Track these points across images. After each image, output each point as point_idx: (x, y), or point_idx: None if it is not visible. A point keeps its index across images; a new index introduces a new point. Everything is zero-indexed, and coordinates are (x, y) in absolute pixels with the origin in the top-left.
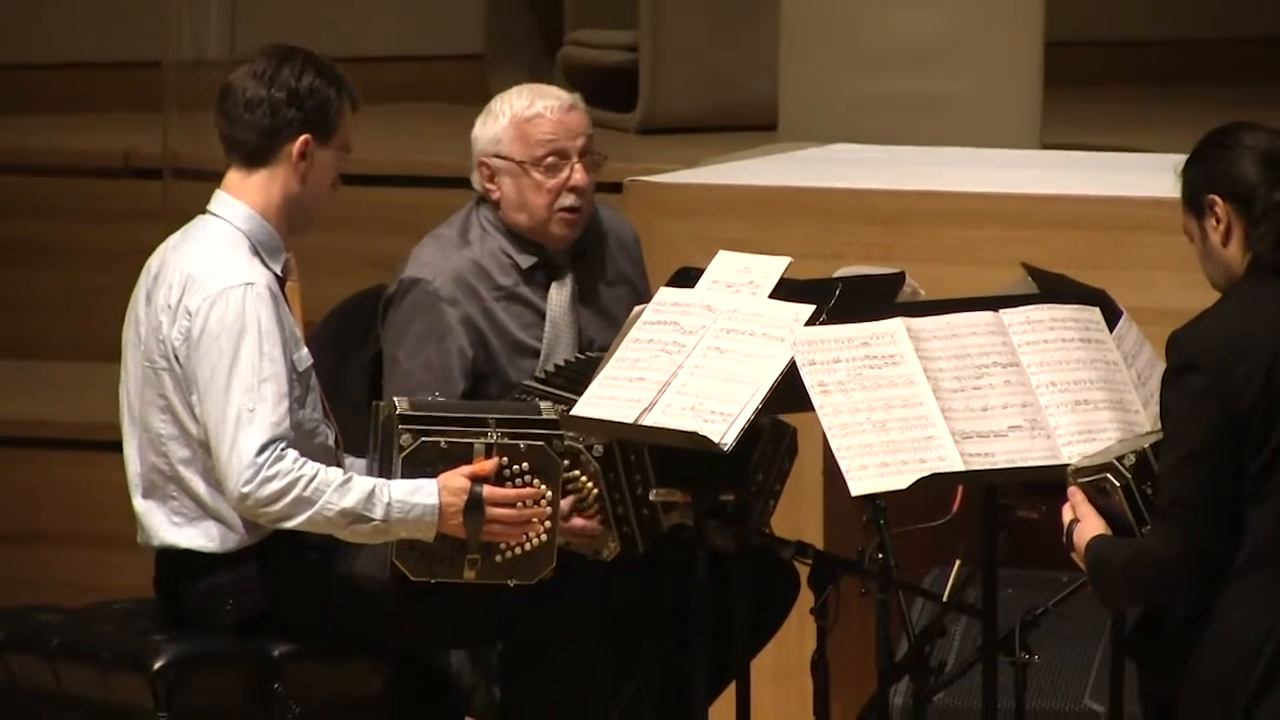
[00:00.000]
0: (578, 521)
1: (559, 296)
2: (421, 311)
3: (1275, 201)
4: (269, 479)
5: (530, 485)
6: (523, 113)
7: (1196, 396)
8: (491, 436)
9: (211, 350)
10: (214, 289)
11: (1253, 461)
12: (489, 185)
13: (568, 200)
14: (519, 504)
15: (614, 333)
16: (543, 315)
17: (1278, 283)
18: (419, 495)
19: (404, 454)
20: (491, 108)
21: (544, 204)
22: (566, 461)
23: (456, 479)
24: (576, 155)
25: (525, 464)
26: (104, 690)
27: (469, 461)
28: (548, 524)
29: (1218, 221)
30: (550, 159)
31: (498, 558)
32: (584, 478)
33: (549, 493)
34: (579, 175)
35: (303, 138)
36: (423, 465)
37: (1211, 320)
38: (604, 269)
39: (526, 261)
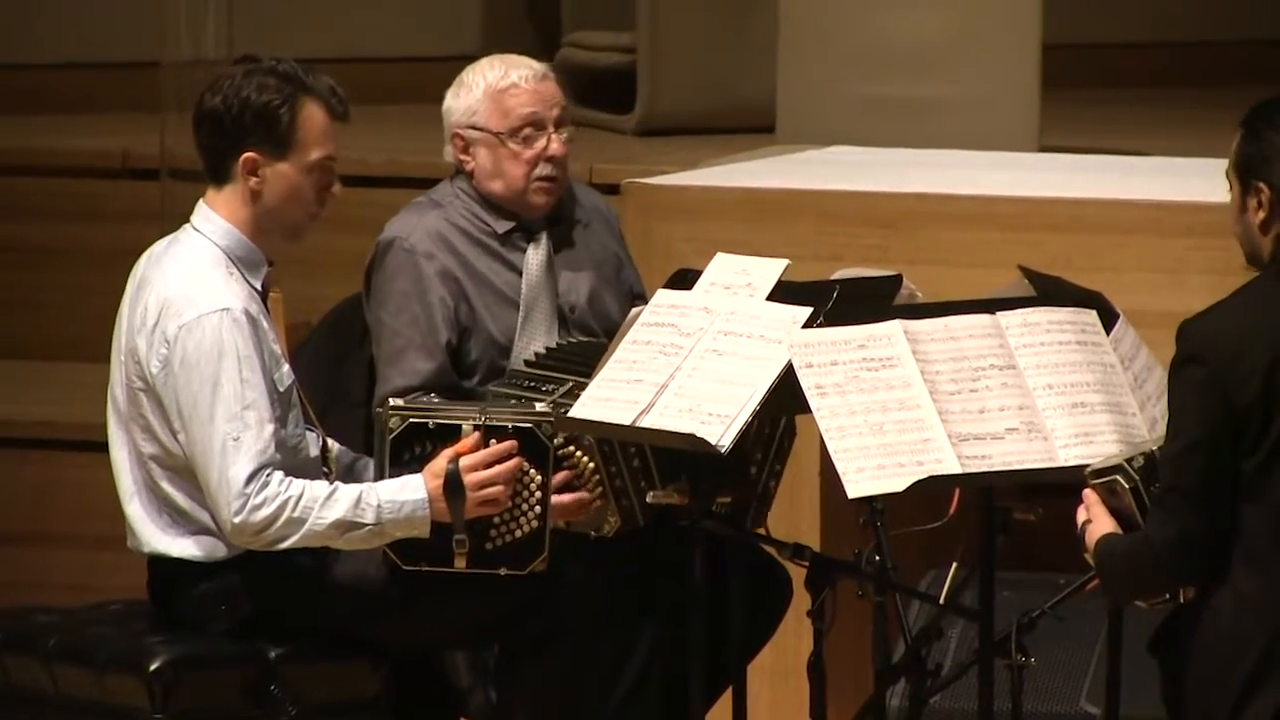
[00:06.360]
0: (568, 497)
1: (535, 256)
2: (400, 269)
3: None
4: (258, 506)
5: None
6: (497, 83)
7: (1197, 388)
8: (480, 418)
9: (192, 379)
10: (189, 316)
11: (1249, 459)
12: (463, 156)
13: (545, 170)
14: (499, 469)
15: (590, 295)
16: (519, 274)
17: None
18: (406, 492)
19: (392, 435)
20: (463, 79)
21: (521, 174)
22: (561, 438)
23: (438, 463)
24: (552, 125)
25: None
26: (100, 691)
27: (457, 442)
28: (538, 509)
29: (1259, 206)
30: (527, 130)
31: (487, 545)
32: (579, 452)
33: (538, 476)
34: (555, 145)
35: (245, 155)
36: (410, 447)
37: (1221, 313)
38: (578, 234)
39: (503, 226)
